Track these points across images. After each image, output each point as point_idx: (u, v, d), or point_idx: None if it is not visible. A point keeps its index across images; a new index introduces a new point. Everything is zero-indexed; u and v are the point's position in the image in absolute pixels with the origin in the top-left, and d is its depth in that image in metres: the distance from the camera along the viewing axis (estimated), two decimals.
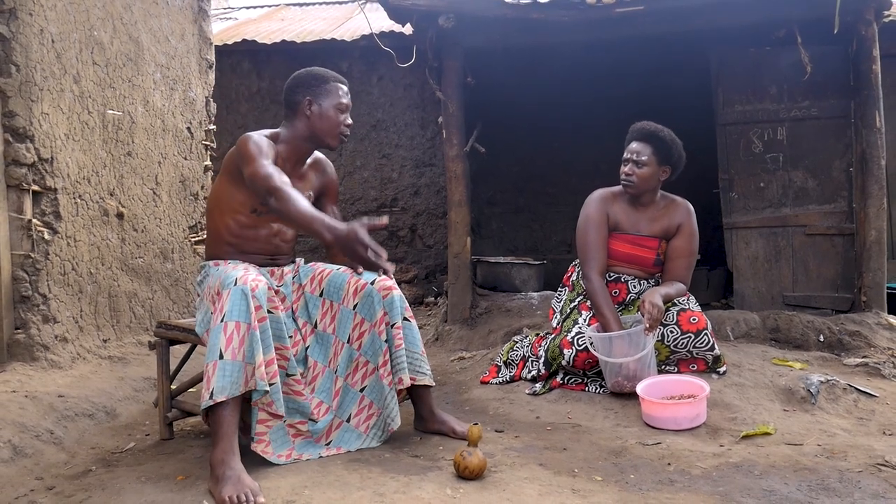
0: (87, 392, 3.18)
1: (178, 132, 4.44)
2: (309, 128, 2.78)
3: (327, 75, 2.83)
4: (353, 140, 6.80)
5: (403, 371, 2.68)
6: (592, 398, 3.21)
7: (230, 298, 2.38)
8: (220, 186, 2.76)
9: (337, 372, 2.70)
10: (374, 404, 2.70)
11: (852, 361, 3.66)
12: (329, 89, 2.79)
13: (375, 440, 2.69)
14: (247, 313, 2.36)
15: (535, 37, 4.62)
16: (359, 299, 2.70)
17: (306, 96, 2.77)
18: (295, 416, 2.56)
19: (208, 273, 2.70)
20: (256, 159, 2.53)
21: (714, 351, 3.24)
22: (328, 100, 2.78)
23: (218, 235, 2.76)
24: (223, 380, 2.32)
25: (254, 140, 2.60)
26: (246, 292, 2.38)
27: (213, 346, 2.35)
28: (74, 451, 2.74)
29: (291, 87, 2.82)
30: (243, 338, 2.35)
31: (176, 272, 4.35)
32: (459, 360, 4.10)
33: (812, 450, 2.59)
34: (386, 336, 2.68)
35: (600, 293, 3.30)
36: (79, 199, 3.57)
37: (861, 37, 4.39)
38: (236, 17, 8.96)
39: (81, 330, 3.56)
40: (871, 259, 4.42)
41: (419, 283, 6.58)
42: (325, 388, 2.69)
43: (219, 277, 2.54)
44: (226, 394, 2.32)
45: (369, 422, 2.70)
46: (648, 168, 3.36)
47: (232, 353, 2.34)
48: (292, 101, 2.79)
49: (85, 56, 3.64)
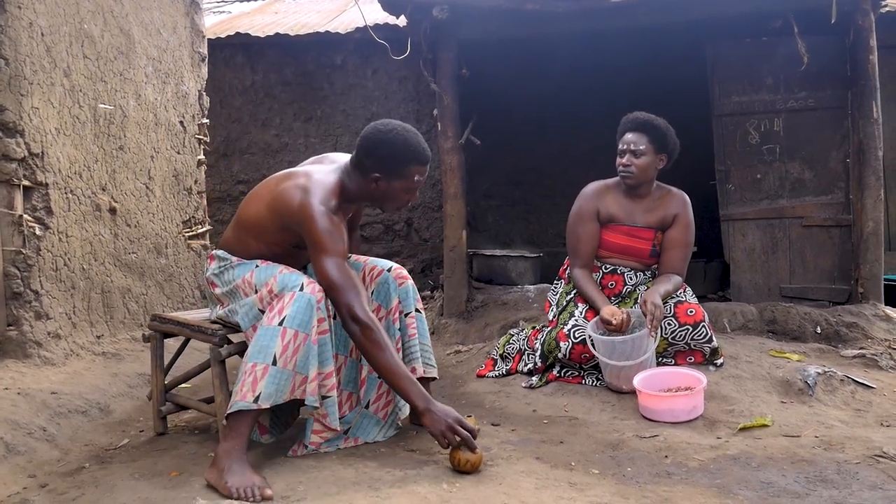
0: (81, 389, 3.16)
1: (171, 126, 4.41)
2: (369, 196, 2.54)
3: (410, 158, 2.46)
4: (349, 134, 6.76)
5: (417, 361, 2.70)
6: (589, 391, 3.20)
7: (294, 304, 2.32)
8: (262, 218, 2.51)
9: (362, 361, 2.67)
10: (391, 391, 2.68)
11: (849, 353, 3.65)
12: (408, 172, 2.47)
13: (392, 428, 2.69)
14: (308, 324, 2.32)
15: (530, 28, 4.59)
16: (375, 286, 2.72)
17: (376, 173, 2.46)
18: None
19: (232, 265, 2.58)
20: (329, 253, 2.32)
21: (711, 343, 3.23)
22: (400, 182, 2.49)
23: (247, 248, 2.57)
24: (271, 387, 2.28)
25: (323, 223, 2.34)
26: (313, 303, 2.34)
27: (267, 348, 2.30)
28: (67, 449, 2.72)
29: (370, 150, 2.46)
30: (298, 347, 2.32)
31: (170, 267, 4.32)
32: (456, 353, 4.09)
33: (809, 441, 2.57)
34: (400, 324, 2.68)
35: (583, 278, 3.38)
36: (70, 195, 3.54)
37: (858, 27, 4.36)
38: (230, 11, 8.90)
39: (74, 326, 3.53)
40: (868, 250, 4.40)
41: (415, 277, 6.54)
42: (350, 379, 2.69)
43: (272, 276, 2.43)
44: (271, 401, 2.29)
45: (388, 408, 2.70)
46: (646, 157, 3.34)
47: (285, 361, 2.30)
48: (363, 165, 2.48)
49: (75, 49, 3.60)
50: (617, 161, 3.40)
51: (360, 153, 2.48)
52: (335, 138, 6.79)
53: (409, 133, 2.46)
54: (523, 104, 6.46)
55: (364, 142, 2.47)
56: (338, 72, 6.72)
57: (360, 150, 2.48)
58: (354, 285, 2.36)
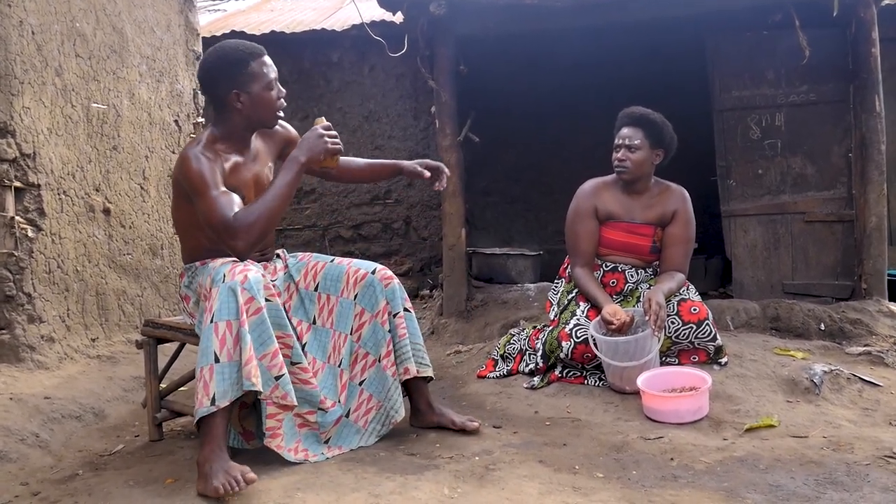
0: (75, 393, 3.11)
1: (166, 125, 4.35)
2: (245, 119, 2.51)
3: (243, 55, 2.48)
4: (346, 132, 6.70)
5: (409, 361, 2.65)
6: (592, 391, 3.15)
7: (218, 297, 2.29)
8: (181, 210, 2.57)
9: (341, 366, 2.64)
10: (373, 397, 2.64)
11: (855, 350, 3.60)
12: (253, 72, 2.47)
13: (374, 435, 2.64)
14: (235, 311, 2.28)
15: (529, 23, 4.53)
16: (359, 289, 2.65)
17: (232, 89, 2.46)
18: (304, 405, 2.48)
19: (196, 273, 2.59)
20: (206, 193, 2.33)
21: (716, 341, 3.18)
22: (256, 84, 2.47)
23: (197, 246, 2.60)
24: (223, 383, 2.24)
25: (196, 167, 2.37)
26: (235, 288, 2.29)
27: (207, 349, 2.27)
28: (61, 455, 2.66)
29: (208, 80, 2.52)
30: (236, 336, 2.27)
31: (165, 268, 4.27)
32: (456, 353, 4.04)
33: (818, 442, 2.53)
34: (389, 326, 2.62)
35: (584, 276, 3.33)
36: (63, 196, 3.48)
37: (860, 19, 4.30)
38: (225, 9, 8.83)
39: (69, 329, 3.48)
40: (871, 246, 4.36)
41: (414, 276, 6.51)
42: (328, 385, 2.62)
43: (209, 274, 2.44)
44: (228, 397, 2.25)
45: (368, 416, 2.64)
46: (642, 152, 3.30)
47: (227, 354, 2.26)
48: (217, 97, 2.51)
49: (67, 48, 3.54)
50: (613, 156, 3.36)
51: (206, 92, 2.58)
52: None
53: (226, 43, 2.54)
54: (522, 100, 6.40)
55: (201, 81, 2.58)
56: (334, 69, 6.66)
57: (204, 89, 2.58)
58: (228, 201, 2.33)
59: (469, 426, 2.69)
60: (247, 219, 2.29)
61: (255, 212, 2.31)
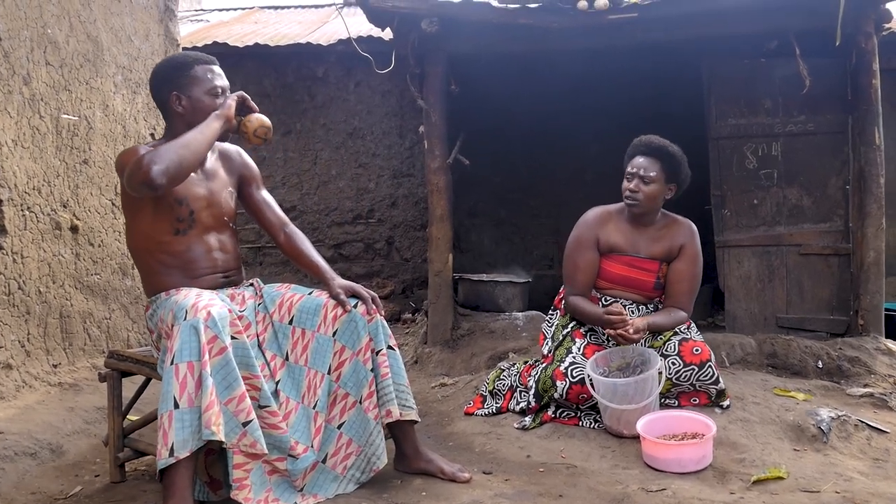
0: (31, 427, 2.87)
1: (141, 139, 4.13)
2: (187, 125, 2.39)
3: (187, 60, 2.48)
4: (329, 148, 6.52)
5: (392, 403, 2.44)
6: (587, 434, 2.97)
7: (179, 336, 2.10)
8: (132, 226, 2.48)
9: (316, 407, 2.41)
10: (353, 442, 2.44)
11: (856, 391, 3.46)
12: (195, 75, 2.44)
13: (353, 483, 2.44)
14: (197, 351, 2.08)
15: (523, 44, 4.38)
16: (339, 325, 2.44)
17: (171, 91, 2.43)
18: (273, 452, 2.26)
19: (159, 305, 2.38)
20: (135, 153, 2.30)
21: (718, 384, 3.02)
22: (197, 88, 2.44)
23: (155, 272, 2.44)
24: (182, 432, 2.04)
25: (130, 148, 2.41)
26: (198, 326, 2.10)
27: (167, 393, 2.07)
28: (11, 498, 2.43)
29: (154, 83, 2.50)
30: (198, 380, 2.07)
31: (136, 289, 4.03)
32: (441, 386, 3.84)
33: (831, 498, 2.36)
34: (371, 364, 2.42)
35: (580, 301, 3.18)
36: (27, 211, 3.26)
37: (861, 49, 4.20)
38: (208, 20, 8.64)
39: (28, 354, 3.25)
40: (869, 281, 4.24)
41: (396, 299, 6.31)
42: (300, 428, 2.39)
43: (171, 309, 2.24)
44: (189, 447, 2.04)
45: (347, 462, 2.44)
46: (656, 185, 3.12)
47: (187, 399, 2.06)
48: (160, 101, 2.49)
49: (37, 56, 3.34)
50: (623, 185, 3.17)
51: (154, 97, 2.53)
52: (314, 153, 6.55)
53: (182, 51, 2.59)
54: (512, 121, 6.25)
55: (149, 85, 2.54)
56: (319, 84, 6.48)
57: (152, 94, 2.53)
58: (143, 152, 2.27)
59: (460, 477, 2.50)
60: (157, 150, 2.24)
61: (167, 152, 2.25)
